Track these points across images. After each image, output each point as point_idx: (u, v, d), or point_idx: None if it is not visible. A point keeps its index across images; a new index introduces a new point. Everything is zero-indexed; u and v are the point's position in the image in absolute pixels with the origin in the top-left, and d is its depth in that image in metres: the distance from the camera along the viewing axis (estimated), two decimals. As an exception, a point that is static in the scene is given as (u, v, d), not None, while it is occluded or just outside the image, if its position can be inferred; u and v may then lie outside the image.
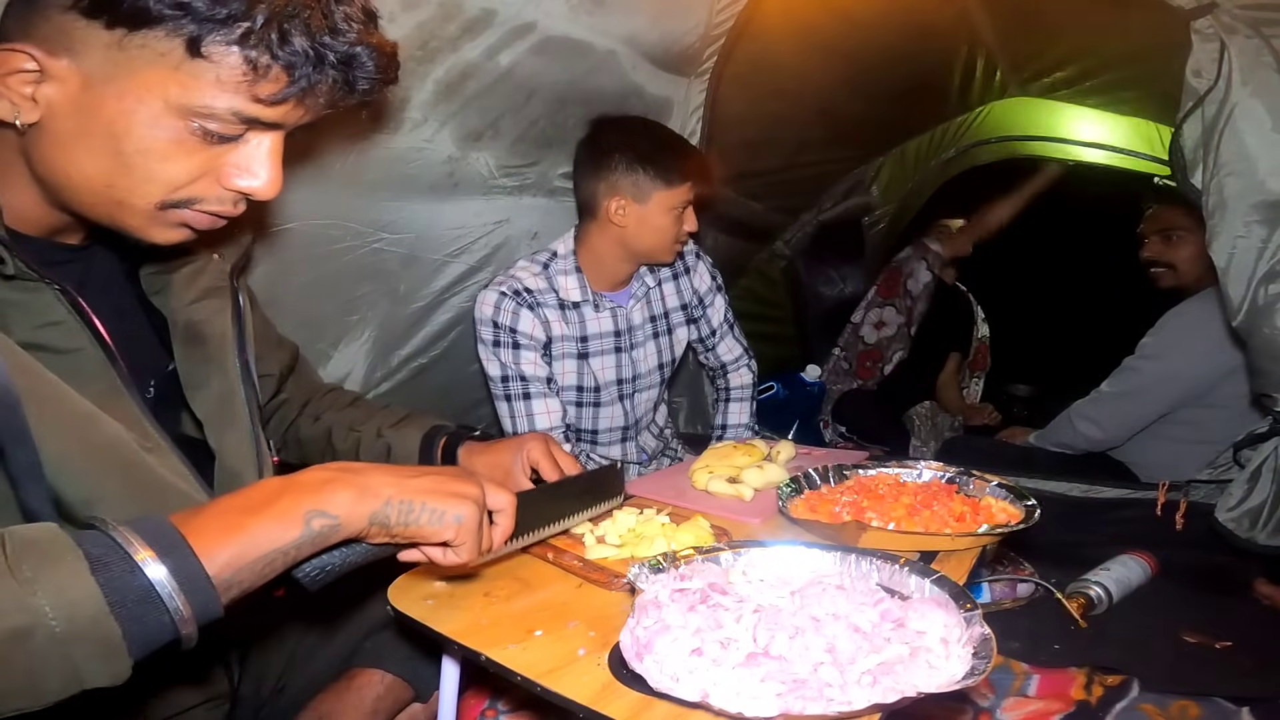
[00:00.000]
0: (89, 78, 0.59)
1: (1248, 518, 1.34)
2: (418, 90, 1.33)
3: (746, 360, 1.84)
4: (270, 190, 0.67)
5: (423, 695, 0.89)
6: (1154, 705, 1.04)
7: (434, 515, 0.61)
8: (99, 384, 0.66)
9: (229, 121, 0.62)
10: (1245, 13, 1.18)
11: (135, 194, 0.63)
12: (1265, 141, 1.19)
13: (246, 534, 0.53)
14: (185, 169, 0.63)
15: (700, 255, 1.75)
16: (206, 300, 0.80)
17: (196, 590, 0.50)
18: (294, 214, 1.29)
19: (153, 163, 0.62)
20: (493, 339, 1.48)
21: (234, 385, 0.79)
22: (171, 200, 0.65)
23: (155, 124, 0.60)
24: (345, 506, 0.58)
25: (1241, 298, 1.24)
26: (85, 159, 0.62)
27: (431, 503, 0.61)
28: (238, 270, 0.85)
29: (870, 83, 2.29)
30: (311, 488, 0.57)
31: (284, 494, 0.56)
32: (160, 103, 0.60)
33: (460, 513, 0.62)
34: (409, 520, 0.61)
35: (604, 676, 0.63)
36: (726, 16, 1.85)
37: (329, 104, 0.67)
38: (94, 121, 0.60)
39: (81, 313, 0.66)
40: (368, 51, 0.65)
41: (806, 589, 0.68)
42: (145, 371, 0.76)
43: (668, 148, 1.48)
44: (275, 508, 0.55)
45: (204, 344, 0.78)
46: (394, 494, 0.60)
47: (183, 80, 0.59)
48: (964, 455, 1.87)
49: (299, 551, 0.56)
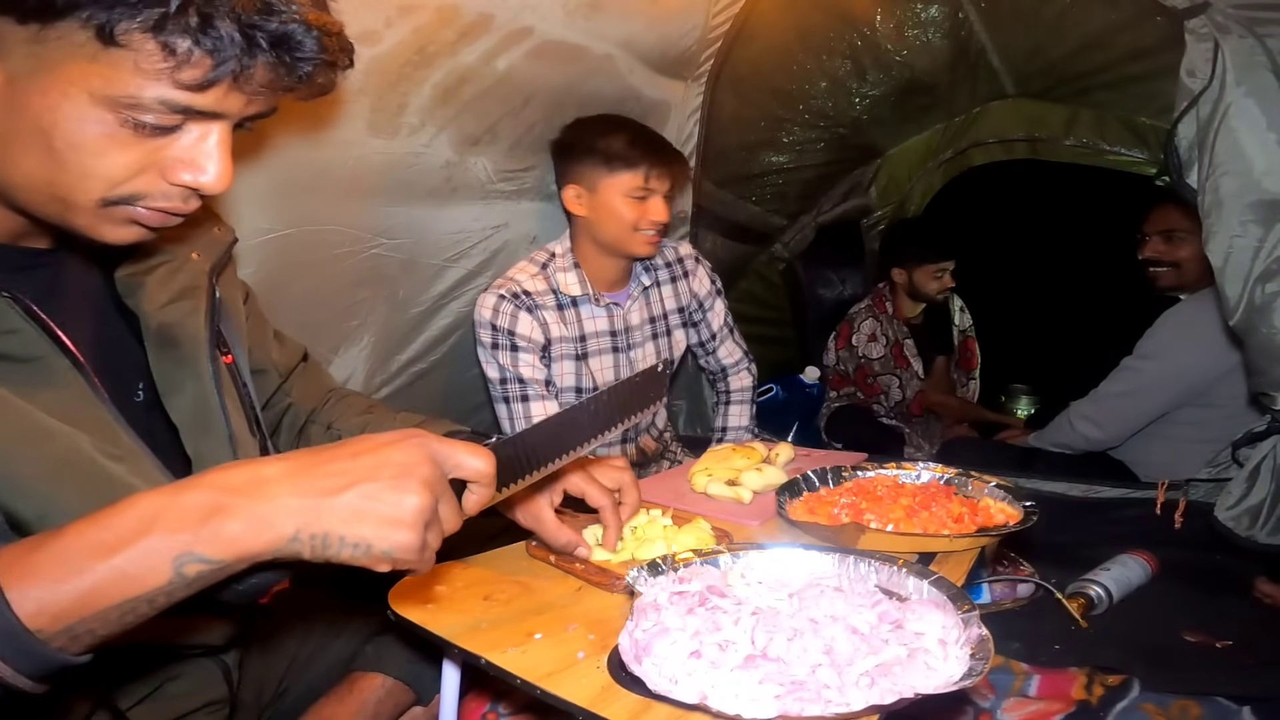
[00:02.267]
0: (13, 75, 0.57)
1: (1247, 516, 1.34)
2: (415, 95, 1.33)
3: (746, 363, 1.85)
4: (219, 184, 0.64)
5: (424, 699, 0.89)
6: (1155, 705, 1.04)
7: (358, 550, 0.52)
8: (64, 391, 0.63)
9: (160, 111, 0.59)
10: (1238, 12, 1.19)
11: (75, 191, 0.61)
12: (1260, 141, 1.19)
13: (92, 579, 0.47)
14: (122, 164, 0.61)
15: (700, 259, 1.76)
16: (180, 302, 0.77)
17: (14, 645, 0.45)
18: (292, 219, 1.29)
19: (86, 158, 0.60)
20: (491, 341, 1.49)
21: (207, 389, 0.75)
22: (113, 197, 0.62)
23: (83, 118, 0.58)
24: (233, 545, 0.49)
25: (1238, 297, 1.25)
26: (21, 158, 0.60)
27: (354, 533, 0.51)
28: (218, 270, 0.82)
29: (867, 84, 2.30)
30: (191, 518, 0.49)
31: (153, 527, 0.48)
32: (85, 96, 0.57)
33: (390, 545, 0.52)
34: (328, 555, 0.52)
35: (603, 679, 0.63)
36: (723, 19, 1.86)
37: (270, 88, 0.63)
38: (23, 119, 0.58)
39: (38, 320, 0.63)
40: (304, 30, 0.60)
41: (805, 591, 0.68)
42: (131, 375, 0.74)
43: (617, 135, 1.50)
44: (137, 547, 0.48)
45: (177, 347, 0.75)
46: (304, 525, 0.51)
47: (102, 71, 0.57)
48: (963, 456, 1.87)
49: (170, 597, 0.49)
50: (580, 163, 1.52)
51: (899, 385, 2.54)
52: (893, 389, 2.54)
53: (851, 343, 2.56)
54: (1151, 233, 1.85)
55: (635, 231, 1.52)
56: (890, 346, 2.55)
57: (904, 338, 2.56)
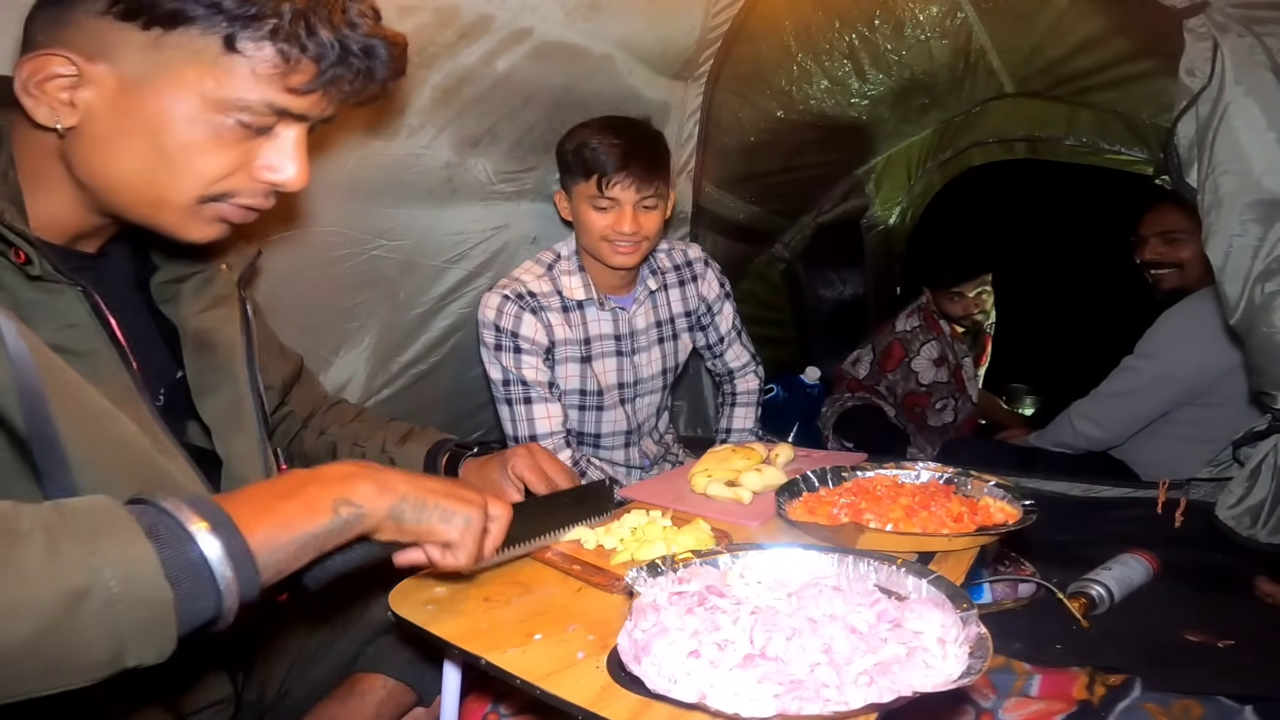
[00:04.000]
0: (126, 79, 0.61)
1: (1248, 515, 1.33)
2: (415, 96, 1.34)
3: (754, 366, 1.84)
4: (300, 181, 0.70)
5: (425, 699, 0.90)
6: (1156, 705, 1.04)
7: (443, 515, 0.65)
8: (114, 385, 0.67)
9: (262, 113, 0.65)
10: (1237, 11, 1.18)
11: (175, 190, 0.66)
12: (1260, 140, 1.19)
13: (281, 517, 0.55)
14: (223, 163, 0.66)
15: (709, 262, 1.74)
16: (216, 309, 0.81)
17: (243, 566, 0.51)
18: (292, 221, 1.30)
19: (193, 157, 0.65)
20: (494, 342, 1.48)
21: (243, 392, 0.80)
22: (210, 194, 0.67)
23: (194, 119, 0.63)
24: (368, 498, 0.60)
25: (1238, 296, 1.24)
26: (125, 158, 0.64)
27: (443, 504, 0.65)
28: (245, 280, 0.87)
29: (867, 83, 2.30)
30: (336, 479, 0.60)
31: (311, 483, 0.58)
32: (198, 98, 0.62)
33: (468, 514, 0.66)
34: (421, 518, 0.64)
35: (603, 679, 0.63)
36: (723, 20, 1.86)
37: (351, 94, 0.69)
38: (133, 121, 0.62)
39: (99, 315, 0.67)
40: (384, 43, 0.68)
41: (803, 590, 0.68)
42: (155, 379, 0.77)
43: (588, 141, 1.43)
44: (305, 494, 0.57)
45: (213, 352, 0.79)
46: (409, 491, 0.63)
47: (218, 75, 0.62)
48: (964, 456, 1.86)
49: (326, 540, 0.57)
50: (560, 165, 1.51)
51: (953, 408, 2.42)
52: (946, 412, 2.42)
53: (911, 367, 2.41)
54: (1149, 235, 1.85)
55: (603, 241, 1.46)
56: (953, 371, 2.44)
57: (963, 358, 2.46)
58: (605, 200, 1.43)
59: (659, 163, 1.48)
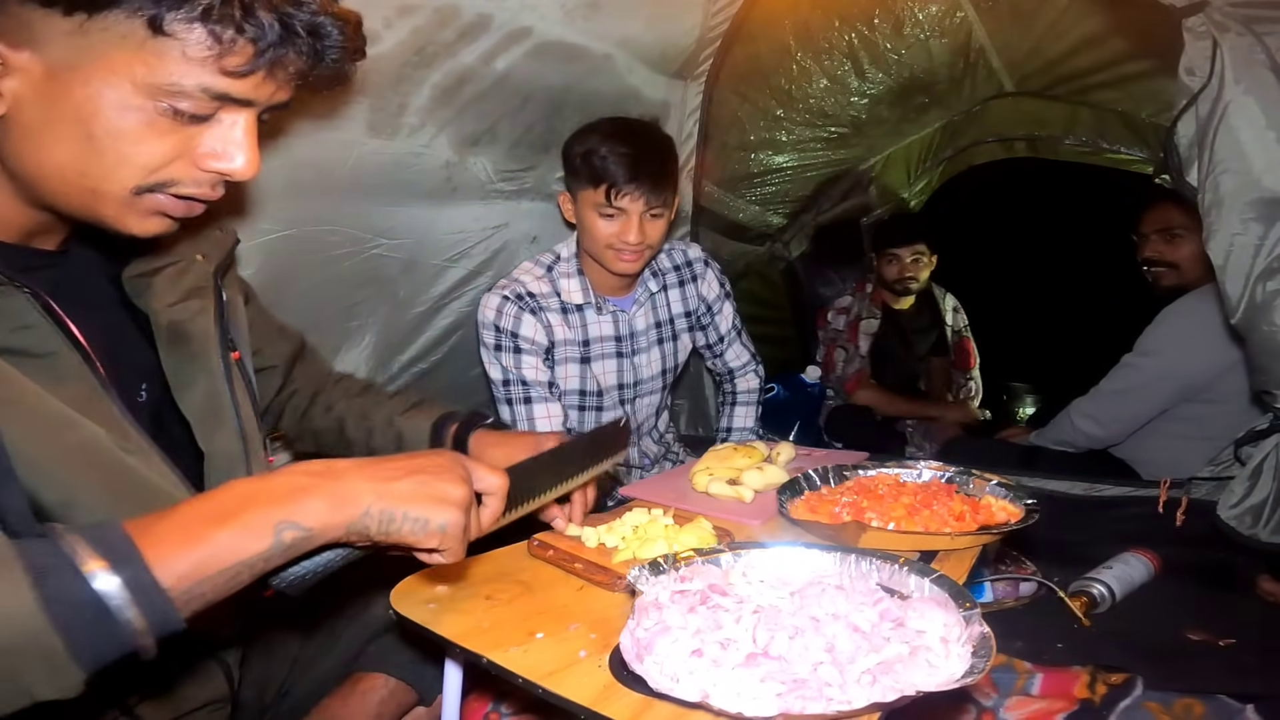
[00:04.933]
0: (53, 67, 0.59)
1: (1249, 515, 1.33)
2: (415, 95, 1.34)
3: (754, 365, 1.84)
4: (248, 170, 0.67)
5: (426, 699, 0.89)
6: (1158, 704, 1.04)
7: (416, 524, 0.59)
8: (77, 386, 0.65)
9: (199, 99, 0.62)
10: (1237, 10, 1.18)
11: (109, 180, 0.63)
12: (1260, 139, 1.19)
13: (210, 545, 0.51)
14: (159, 151, 0.63)
15: (709, 262, 1.74)
16: (189, 301, 0.79)
17: (150, 603, 0.48)
18: (293, 220, 1.30)
19: (125, 146, 0.61)
20: (494, 343, 1.48)
21: (219, 385, 0.78)
22: (146, 184, 0.64)
23: (125, 106, 0.60)
24: (319, 516, 0.55)
25: (1239, 295, 1.24)
26: (55, 148, 0.61)
27: (414, 510, 0.59)
28: (222, 270, 0.85)
29: (867, 83, 2.30)
30: (283, 495, 0.55)
31: (253, 502, 0.54)
32: (128, 84, 0.59)
33: (444, 520, 0.60)
34: (390, 530, 0.58)
35: (605, 678, 0.63)
36: (722, 19, 1.86)
37: (298, 76, 0.66)
38: (61, 110, 0.60)
39: (54, 316, 0.65)
40: (332, 21, 0.65)
41: (806, 589, 0.68)
42: (135, 374, 0.75)
43: (598, 146, 1.40)
44: (243, 517, 0.53)
45: (188, 343, 0.78)
46: (373, 502, 0.57)
47: (148, 60, 0.59)
48: (965, 455, 1.86)
49: (268, 563, 0.54)
50: (566, 168, 1.49)
51: (844, 360, 2.57)
52: (839, 363, 2.57)
53: (827, 318, 2.64)
54: (1150, 232, 1.85)
55: (607, 248, 1.45)
56: (850, 321, 2.59)
57: (866, 317, 2.58)
58: (613, 209, 1.41)
59: (668, 172, 1.46)
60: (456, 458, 0.65)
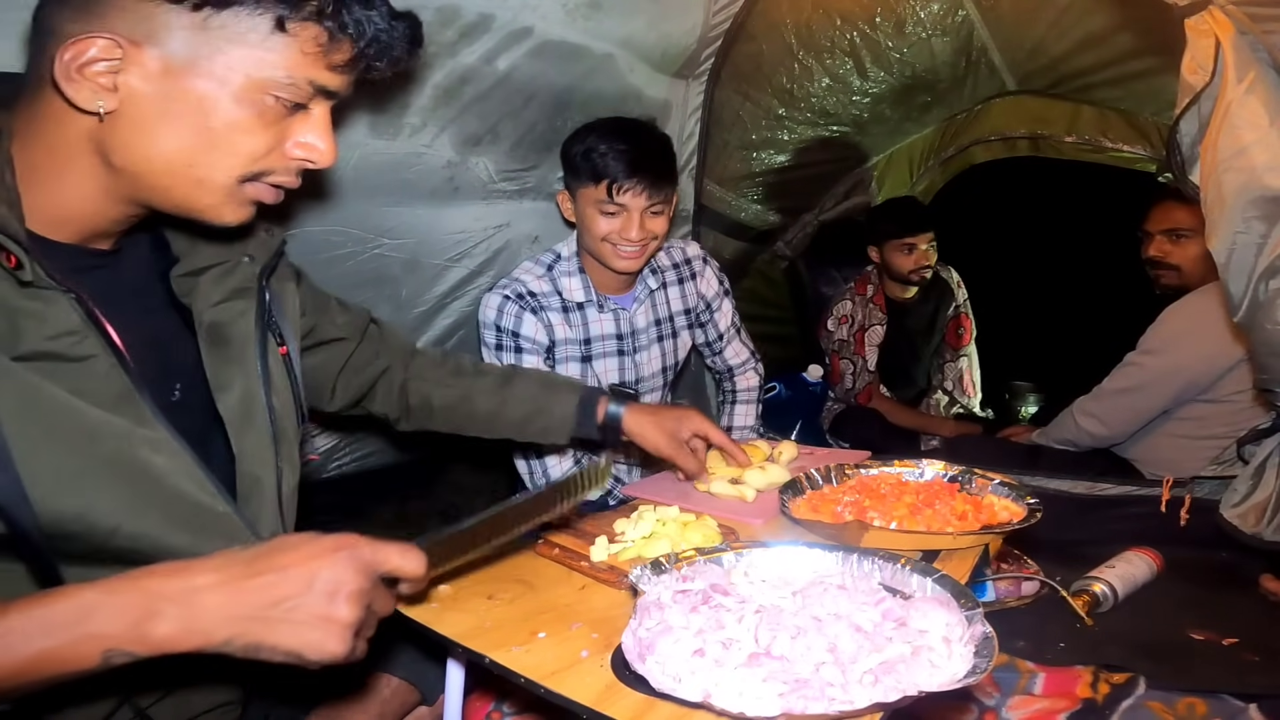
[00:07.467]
0: (170, 61, 0.62)
1: (1252, 513, 1.33)
2: (416, 95, 1.34)
3: (753, 363, 1.84)
4: (331, 157, 0.72)
5: (429, 698, 0.90)
6: (1161, 702, 1.04)
7: (289, 658, 0.55)
8: (108, 389, 0.65)
9: (305, 91, 0.66)
10: (1239, 9, 1.18)
11: (217, 169, 0.66)
12: (1262, 137, 1.19)
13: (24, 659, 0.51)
14: (264, 141, 0.67)
15: (708, 259, 1.74)
16: (232, 301, 0.80)
17: None
18: (295, 220, 1.30)
19: (238, 136, 0.65)
20: (495, 342, 1.49)
21: (254, 387, 0.78)
22: (250, 173, 0.68)
23: (239, 99, 0.64)
24: (161, 646, 0.53)
25: (1242, 294, 1.24)
26: (167, 140, 0.64)
27: (284, 645, 0.54)
28: (267, 272, 0.85)
29: (869, 82, 2.29)
30: (124, 620, 0.52)
31: (88, 621, 0.51)
32: (243, 78, 0.63)
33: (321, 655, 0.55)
34: (259, 658, 0.55)
35: (607, 678, 0.63)
36: (723, 18, 1.85)
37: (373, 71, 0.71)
38: (178, 103, 0.63)
39: (94, 320, 0.66)
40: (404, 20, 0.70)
41: (808, 589, 0.68)
42: (170, 374, 0.76)
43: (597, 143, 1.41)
44: (73, 637, 0.51)
45: (228, 345, 0.78)
46: (234, 635, 0.53)
47: (265, 56, 0.63)
48: (968, 454, 1.86)
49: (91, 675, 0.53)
50: (566, 167, 1.49)
51: (852, 372, 2.46)
52: (847, 376, 2.46)
53: (828, 327, 2.50)
54: (1155, 231, 1.85)
55: (605, 244, 1.45)
56: (853, 331, 2.46)
57: (872, 324, 2.47)
58: (613, 206, 1.42)
59: (668, 168, 1.47)
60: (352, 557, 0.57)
